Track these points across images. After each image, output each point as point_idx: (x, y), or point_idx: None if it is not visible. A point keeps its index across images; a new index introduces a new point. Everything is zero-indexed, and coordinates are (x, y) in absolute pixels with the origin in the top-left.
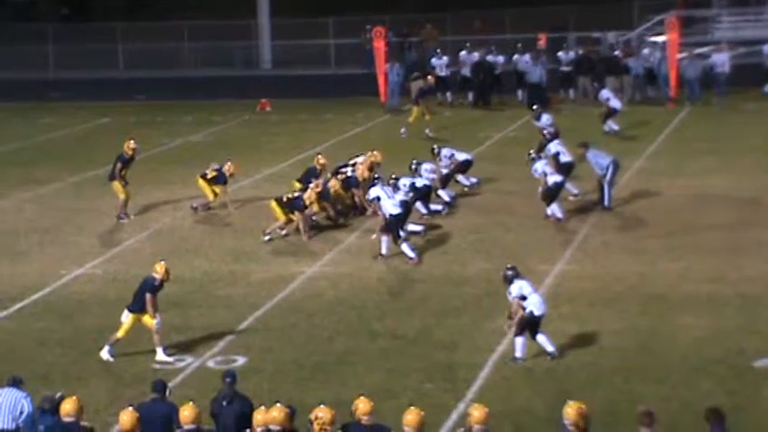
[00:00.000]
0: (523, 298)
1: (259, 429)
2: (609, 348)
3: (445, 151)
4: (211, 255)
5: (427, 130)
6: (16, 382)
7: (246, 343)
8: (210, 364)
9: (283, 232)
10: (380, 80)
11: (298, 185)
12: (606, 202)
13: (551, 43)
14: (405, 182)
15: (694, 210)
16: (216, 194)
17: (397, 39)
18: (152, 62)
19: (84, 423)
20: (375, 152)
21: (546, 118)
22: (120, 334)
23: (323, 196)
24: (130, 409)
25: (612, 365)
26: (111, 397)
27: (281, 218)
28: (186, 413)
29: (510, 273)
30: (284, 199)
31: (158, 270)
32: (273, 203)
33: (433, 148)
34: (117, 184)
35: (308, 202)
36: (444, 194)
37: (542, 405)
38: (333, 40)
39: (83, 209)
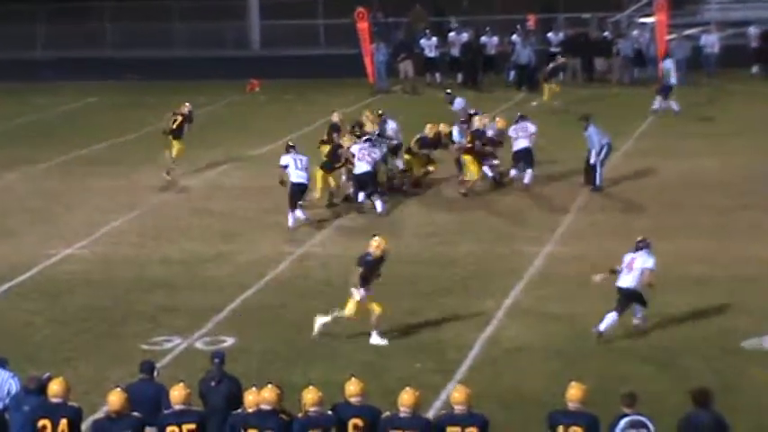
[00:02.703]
0: None
1: (250, 410)
2: None
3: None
4: (200, 235)
5: (556, 103)
6: (1, 363)
7: (235, 324)
8: (199, 344)
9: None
10: (367, 61)
11: (325, 148)
12: (597, 182)
13: (541, 24)
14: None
15: (684, 191)
16: None
17: (385, 19)
18: (141, 42)
19: (71, 404)
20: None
21: (459, 102)
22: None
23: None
24: (119, 389)
25: (601, 345)
26: (99, 378)
27: (320, 188)
28: (176, 393)
29: (641, 243)
30: (324, 161)
31: (373, 246)
32: (318, 173)
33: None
34: (173, 140)
35: (345, 147)
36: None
37: (530, 385)
38: (322, 21)
39: (71, 189)
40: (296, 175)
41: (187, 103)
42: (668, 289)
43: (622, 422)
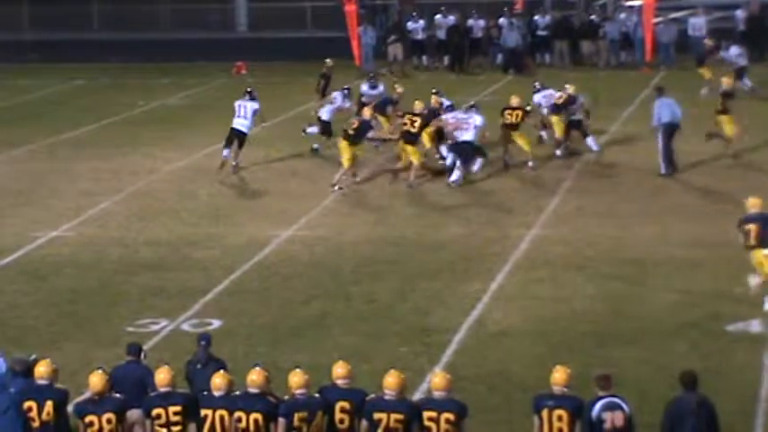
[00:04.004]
0: None
1: (217, 393)
2: (583, 312)
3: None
4: (186, 217)
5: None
6: None
7: (222, 306)
8: (185, 327)
9: (357, 179)
10: (354, 44)
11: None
12: (661, 167)
13: (528, 7)
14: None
15: (669, 174)
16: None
17: (373, 2)
18: (127, 24)
19: (58, 386)
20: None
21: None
22: None
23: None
24: (100, 371)
25: (587, 329)
26: (85, 360)
27: (348, 158)
28: (161, 376)
29: None
30: (350, 131)
31: (751, 203)
32: (343, 142)
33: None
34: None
35: (367, 115)
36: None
37: (516, 369)
38: (309, 3)
39: (57, 171)
40: (235, 122)
41: (327, 60)
42: (653, 272)
43: (598, 405)
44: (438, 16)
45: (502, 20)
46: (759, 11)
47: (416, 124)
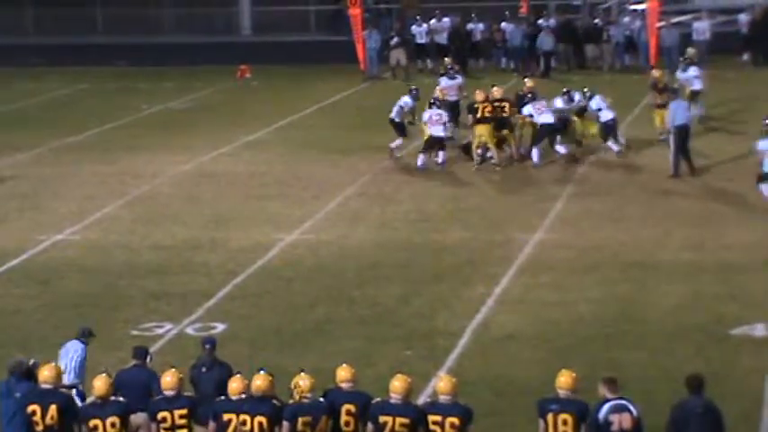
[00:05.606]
0: None
1: (234, 397)
2: (588, 316)
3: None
4: (190, 221)
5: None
6: (84, 333)
7: (226, 310)
8: (190, 330)
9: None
10: (358, 47)
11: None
12: (672, 167)
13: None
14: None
15: (673, 177)
16: None
17: (376, 6)
18: (131, 27)
19: (62, 390)
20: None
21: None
22: None
23: None
24: (103, 374)
25: (592, 333)
26: (89, 364)
27: (493, 142)
28: (168, 379)
29: None
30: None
31: None
32: (483, 128)
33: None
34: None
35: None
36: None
37: (521, 373)
38: (313, 7)
39: (62, 175)
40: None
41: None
42: (658, 276)
43: (605, 407)
44: (433, 21)
45: (504, 24)
46: (763, 15)
47: (507, 109)
